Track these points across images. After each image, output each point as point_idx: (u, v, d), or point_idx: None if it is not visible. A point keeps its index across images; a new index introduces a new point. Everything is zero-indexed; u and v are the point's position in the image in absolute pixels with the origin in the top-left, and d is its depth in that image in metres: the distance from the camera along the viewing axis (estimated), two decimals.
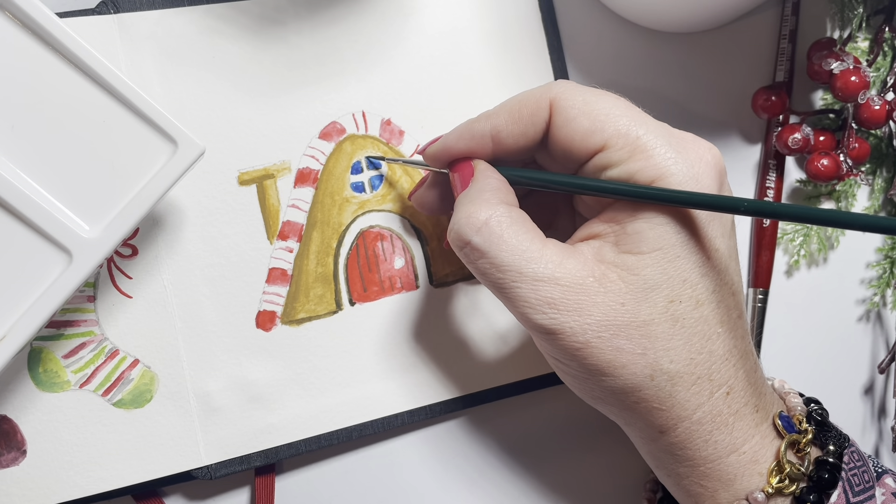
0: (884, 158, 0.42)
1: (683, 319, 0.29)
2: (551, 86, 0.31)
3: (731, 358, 0.30)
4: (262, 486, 0.36)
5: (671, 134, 0.30)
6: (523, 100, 0.31)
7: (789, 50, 0.41)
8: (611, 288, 0.29)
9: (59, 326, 0.34)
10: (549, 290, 0.29)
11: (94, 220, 0.31)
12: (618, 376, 0.29)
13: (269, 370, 0.36)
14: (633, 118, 0.30)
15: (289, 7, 0.36)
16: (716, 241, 0.29)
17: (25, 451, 0.33)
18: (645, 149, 0.29)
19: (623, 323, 0.28)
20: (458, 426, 0.39)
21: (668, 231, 0.29)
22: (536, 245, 0.29)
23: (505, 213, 0.30)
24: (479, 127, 0.32)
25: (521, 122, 0.31)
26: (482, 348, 0.38)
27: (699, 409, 0.29)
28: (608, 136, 0.29)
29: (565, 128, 0.30)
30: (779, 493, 0.29)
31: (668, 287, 0.29)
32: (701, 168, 0.29)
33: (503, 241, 0.29)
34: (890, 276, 0.42)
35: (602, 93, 0.31)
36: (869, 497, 0.30)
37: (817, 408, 0.33)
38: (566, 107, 0.30)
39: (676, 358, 0.29)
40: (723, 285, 0.30)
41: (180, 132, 0.31)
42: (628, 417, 0.30)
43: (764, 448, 0.30)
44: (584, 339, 0.28)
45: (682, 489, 0.31)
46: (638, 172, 0.29)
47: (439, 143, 0.33)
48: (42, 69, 0.30)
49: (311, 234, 0.36)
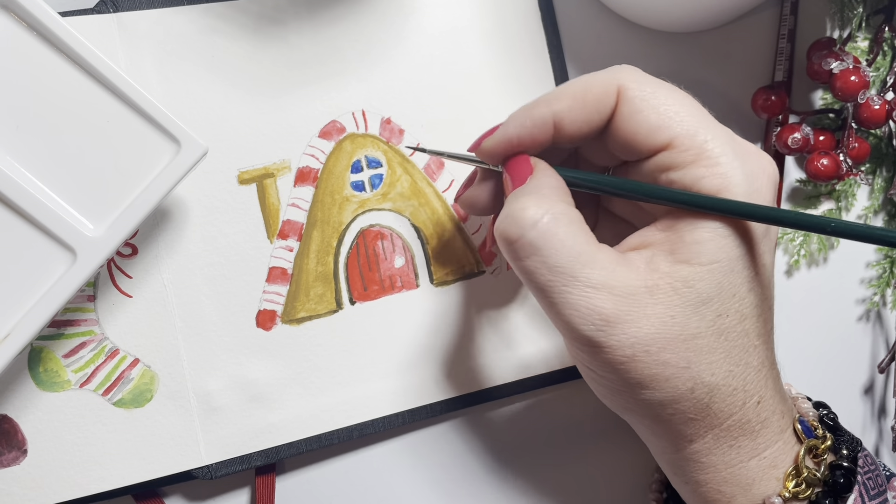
0: (884, 158, 0.42)
1: (727, 333, 0.28)
2: (618, 71, 0.29)
3: (763, 369, 0.29)
4: (262, 485, 0.36)
5: (735, 141, 0.29)
6: (588, 84, 0.29)
7: (788, 49, 0.41)
8: (662, 300, 0.27)
9: (59, 326, 0.34)
10: (601, 300, 0.27)
11: (97, 219, 0.31)
12: (659, 389, 0.28)
13: (270, 369, 0.36)
14: (701, 120, 0.28)
15: (288, 6, 0.36)
16: (765, 256, 0.29)
17: (26, 451, 0.33)
18: (711, 155, 0.28)
19: (672, 336, 0.27)
20: (459, 426, 0.38)
21: (730, 244, 0.28)
22: (591, 249, 0.28)
23: (564, 211, 0.28)
24: (539, 113, 0.29)
25: (586, 109, 0.29)
26: (483, 347, 0.38)
27: (730, 418, 0.29)
28: (675, 136, 0.28)
29: (631, 119, 0.28)
30: (795, 497, 0.29)
31: (719, 301, 0.28)
32: (763, 181, 0.28)
33: (559, 241, 0.27)
34: (890, 275, 0.42)
35: (671, 87, 0.29)
36: (883, 501, 0.30)
37: (827, 412, 0.33)
38: (634, 97, 0.28)
39: (717, 371, 0.28)
40: (765, 300, 0.29)
41: (183, 132, 0.31)
42: (658, 428, 0.29)
43: (784, 453, 0.30)
44: (630, 352, 0.27)
45: (698, 496, 0.30)
46: (702, 179, 0.28)
47: (498, 135, 0.30)
48: (46, 69, 0.30)
49: (312, 233, 0.36)
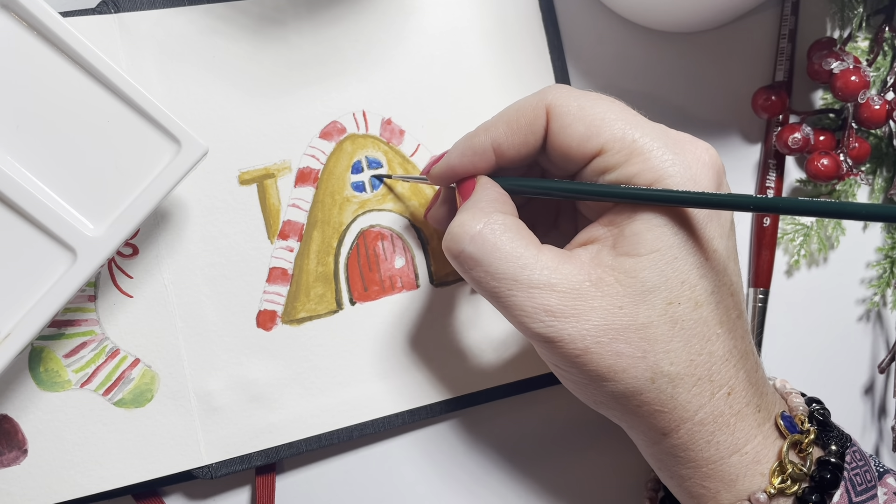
0: (884, 158, 0.42)
1: (682, 321, 0.29)
2: (546, 92, 0.31)
3: (732, 358, 0.30)
4: (262, 485, 0.36)
5: (668, 135, 0.30)
6: (520, 109, 0.31)
7: (789, 49, 0.41)
8: (608, 291, 0.28)
9: (59, 326, 0.34)
10: (545, 297, 0.28)
11: (98, 219, 0.31)
12: (619, 381, 0.29)
13: (270, 369, 0.36)
14: (629, 121, 0.30)
15: (288, 7, 0.36)
16: (714, 242, 0.29)
17: (26, 451, 0.33)
18: (642, 151, 0.29)
19: (621, 326, 0.28)
20: (459, 425, 0.38)
21: (666, 232, 0.29)
22: (531, 252, 0.29)
23: (499, 220, 0.30)
24: (479, 141, 0.31)
25: (521, 132, 0.31)
26: (483, 347, 0.38)
27: (701, 411, 0.29)
28: (604, 141, 0.29)
29: (561, 134, 0.30)
30: (781, 493, 0.29)
31: (667, 289, 0.29)
32: (698, 169, 0.29)
33: (497, 249, 0.29)
34: (890, 275, 0.42)
35: (597, 96, 0.30)
36: (871, 497, 0.30)
37: (819, 408, 0.33)
38: (561, 113, 0.30)
39: (676, 360, 0.29)
40: (721, 286, 0.30)
41: (184, 132, 0.31)
42: (631, 421, 0.30)
43: (766, 448, 0.30)
44: (583, 345, 0.28)
45: (684, 490, 0.31)
46: (636, 175, 0.29)
47: (443, 163, 0.33)
48: (47, 69, 0.30)
49: (312, 234, 0.36)
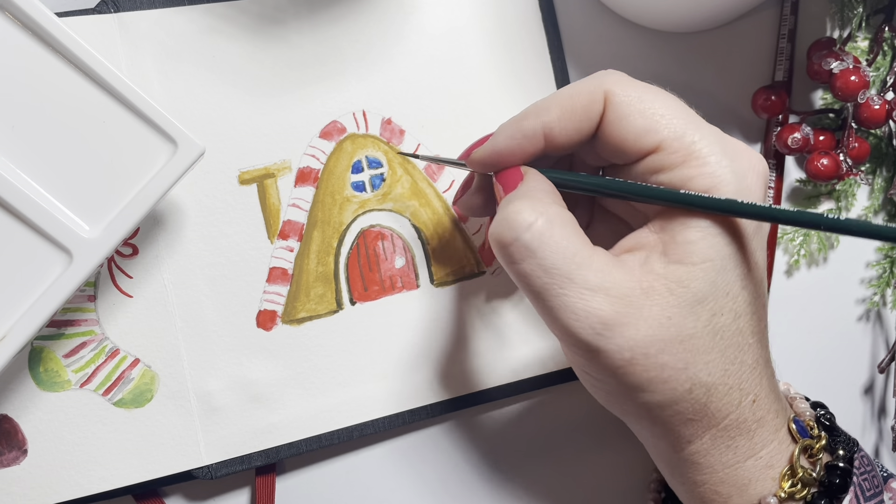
0: (884, 158, 0.42)
1: (723, 332, 0.28)
2: (604, 77, 0.29)
3: (758, 366, 0.29)
4: (262, 485, 0.36)
5: (724, 140, 0.29)
6: (575, 93, 0.29)
7: (789, 49, 0.41)
8: (658, 301, 0.27)
9: (59, 326, 0.34)
10: (598, 302, 0.27)
11: (94, 221, 0.31)
12: (657, 391, 0.28)
13: (270, 370, 0.36)
14: (689, 121, 0.28)
15: (289, 6, 0.36)
16: (757, 254, 0.29)
17: (26, 451, 0.33)
18: (700, 155, 0.28)
19: (668, 338, 0.27)
20: (459, 426, 0.38)
21: (720, 242, 0.28)
22: (587, 251, 0.28)
23: (558, 213, 0.28)
24: (529, 125, 0.29)
25: (575, 118, 0.29)
26: (483, 348, 0.38)
27: (727, 418, 0.28)
28: (663, 139, 0.28)
29: (618, 125, 0.29)
30: (790, 497, 0.29)
31: (714, 300, 0.28)
32: (752, 179, 0.28)
33: (554, 242, 0.27)
34: (890, 275, 0.42)
35: (657, 90, 0.29)
36: (879, 502, 0.30)
37: (824, 413, 0.33)
38: (621, 102, 0.29)
39: (714, 370, 0.28)
40: (758, 297, 0.29)
41: (180, 132, 0.31)
42: (657, 430, 0.29)
43: (780, 453, 0.29)
44: (629, 356, 0.27)
45: (695, 496, 0.30)
46: (692, 179, 0.28)
47: (488, 147, 0.30)
48: (42, 70, 0.30)
49: (312, 234, 0.36)
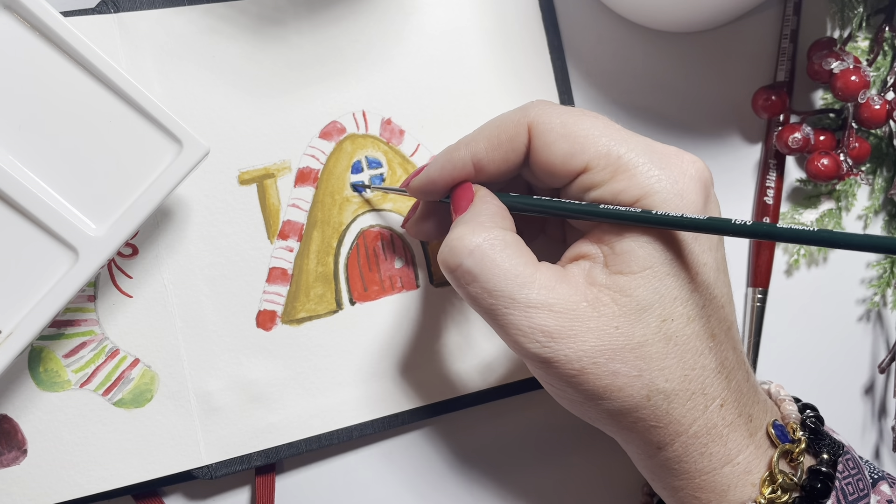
0: (884, 158, 0.42)
1: (676, 337, 0.29)
2: (528, 108, 0.31)
3: (724, 370, 0.30)
4: (262, 485, 0.36)
5: (653, 150, 0.29)
6: (501, 124, 0.31)
7: (790, 50, 0.41)
8: (604, 311, 0.28)
9: (59, 326, 0.34)
10: (542, 318, 0.28)
11: (100, 219, 0.31)
12: (615, 399, 0.28)
13: (270, 370, 0.36)
14: (614, 137, 0.29)
15: (288, 6, 0.36)
16: (703, 256, 0.29)
17: (26, 451, 0.33)
18: (627, 168, 0.29)
19: (618, 346, 0.28)
20: (459, 426, 0.38)
21: (657, 248, 0.29)
22: (529, 270, 0.29)
23: (499, 236, 0.29)
24: (459, 156, 0.31)
25: (501, 148, 0.31)
26: (483, 348, 0.38)
27: (695, 424, 0.29)
28: (589, 158, 0.29)
29: (545, 151, 0.30)
30: (771, 503, 0.29)
31: (661, 306, 0.28)
32: (685, 183, 0.29)
33: (496, 266, 0.29)
34: (890, 275, 0.42)
35: (580, 112, 0.30)
36: None
37: (812, 415, 0.33)
38: (544, 130, 0.30)
39: (671, 376, 0.28)
40: (712, 299, 0.30)
41: (185, 132, 0.31)
42: (626, 436, 0.30)
43: (757, 458, 0.30)
44: (579, 366, 0.28)
45: (678, 501, 0.31)
46: (622, 192, 0.29)
47: (423, 176, 0.32)
48: (49, 69, 0.31)
49: (312, 234, 0.36)
